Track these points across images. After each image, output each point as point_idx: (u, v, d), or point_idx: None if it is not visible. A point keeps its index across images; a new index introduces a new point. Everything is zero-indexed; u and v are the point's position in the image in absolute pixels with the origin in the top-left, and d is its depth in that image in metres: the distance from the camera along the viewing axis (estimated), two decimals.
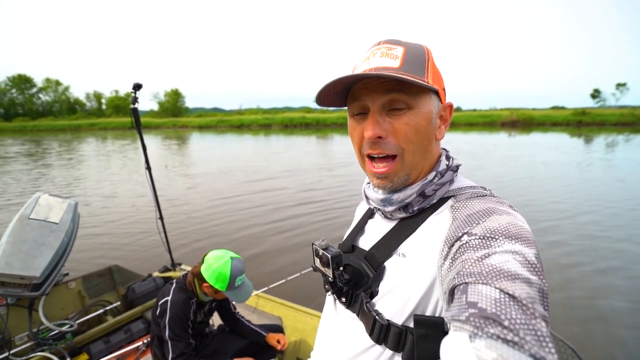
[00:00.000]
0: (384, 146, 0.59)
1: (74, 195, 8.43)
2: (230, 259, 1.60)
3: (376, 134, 0.57)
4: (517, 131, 31.69)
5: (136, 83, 2.36)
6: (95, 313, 2.41)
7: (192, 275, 1.64)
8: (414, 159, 0.60)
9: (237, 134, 35.95)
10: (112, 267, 2.71)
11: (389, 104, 0.57)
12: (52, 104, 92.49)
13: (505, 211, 0.52)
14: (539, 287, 0.40)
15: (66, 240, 2.21)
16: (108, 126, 57.32)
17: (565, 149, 16.92)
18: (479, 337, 0.36)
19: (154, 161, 13.94)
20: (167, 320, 1.54)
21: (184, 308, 1.56)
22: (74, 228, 2.30)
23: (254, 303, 2.47)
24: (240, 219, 6.13)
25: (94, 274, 2.60)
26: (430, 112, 0.59)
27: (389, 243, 0.62)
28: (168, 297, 1.58)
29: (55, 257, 2.09)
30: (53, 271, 2.10)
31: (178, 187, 9.04)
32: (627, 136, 24.64)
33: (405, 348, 0.54)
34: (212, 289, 1.60)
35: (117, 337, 2.20)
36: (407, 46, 0.59)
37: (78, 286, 2.49)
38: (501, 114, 46.77)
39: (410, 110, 0.57)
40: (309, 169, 11.70)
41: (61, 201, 2.25)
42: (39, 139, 34.81)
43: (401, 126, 0.57)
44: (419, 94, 0.57)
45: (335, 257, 0.65)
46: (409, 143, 0.58)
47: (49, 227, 2.14)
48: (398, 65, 0.56)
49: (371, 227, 0.71)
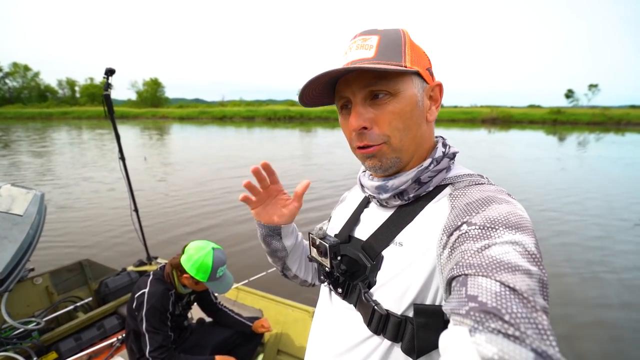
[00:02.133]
0: (370, 137, 0.59)
1: (39, 186, 8.05)
2: (212, 250, 1.56)
3: (359, 124, 0.58)
4: (497, 128, 32.57)
5: (108, 68, 2.24)
6: (65, 309, 2.30)
7: (171, 267, 1.59)
8: (402, 144, 0.59)
9: (220, 126, 35.25)
10: (82, 262, 2.58)
11: (370, 95, 0.57)
12: (21, 90, 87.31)
13: (504, 200, 0.52)
14: (539, 277, 0.40)
15: (31, 233, 2.08)
16: (82, 115, 54.79)
17: (544, 146, 17.54)
18: (480, 331, 0.35)
19: (133, 152, 13.53)
20: (144, 312, 1.48)
21: (162, 300, 1.51)
22: (40, 220, 2.17)
23: (234, 296, 2.43)
24: (219, 211, 6.03)
25: (63, 269, 2.48)
26: (414, 95, 0.58)
27: (387, 232, 0.61)
28: (145, 289, 1.52)
29: (19, 252, 1.97)
30: (17, 266, 1.98)
31: (156, 180, 8.79)
32: (598, 135, 25.84)
33: (404, 338, 0.54)
34: (192, 280, 1.55)
35: (89, 334, 2.11)
36: (382, 34, 0.58)
37: (45, 282, 2.36)
38: (482, 111, 47.92)
39: (393, 97, 0.57)
40: (288, 159, 11.64)
41: (26, 192, 2.11)
42: (6, 126, 32.92)
43: (385, 115, 0.57)
44: (398, 79, 0.57)
45: (333, 247, 0.64)
46: (394, 130, 0.58)
47: (12, 219, 2.01)
48: (372, 55, 0.56)
49: (367, 217, 0.70)
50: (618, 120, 39.22)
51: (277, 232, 0.78)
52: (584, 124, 39.09)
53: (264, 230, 0.78)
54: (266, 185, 0.74)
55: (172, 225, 5.35)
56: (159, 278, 1.58)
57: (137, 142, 18.47)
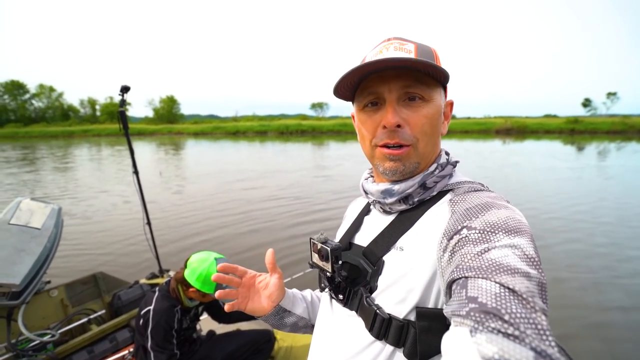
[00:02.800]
0: (401, 135, 0.59)
1: (59, 200, 8.32)
2: (214, 260, 1.55)
3: (397, 121, 0.57)
4: (512, 139, 32.00)
5: (124, 85, 2.33)
6: (79, 322, 2.32)
7: (176, 282, 1.59)
8: (425, 149, 0.61)
9: (233, 141, 35.88)
10: (96, 275, 2.63)
11: (405, 96, 0.58)
12: (45, 110, 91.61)
13: (503, 205, 0.52)
14: (538, 280, 0.40)
15: (49, 246, 2.14)
16: (102, 132, 56.85)
17: (561, 156, 17.08)
18: (480, 331, 0.36)
19: (148, 168, 13.87)
20: (149, 330, 1.48)
21: (167, 317, 1.50)
22: (57, 234, 2.23)
23: None
24: (230, 225, 6.06)
25: (77, 282, 2.52)
26: (440, 105, 0.61)
27: (388, 237, 0.62)
28: (150, 306, 1.52)
29: (36, 264, 2.02)
30: (34, 279, 2.03)
31: (169, 193, 8.95)
32: (619, 144, 25.05)
33: (407, 343, 0.54)
34: (199, 293, 1.54)
35: (101, 347, 2.12)
36: (417, 44, 0.60)
37: (60, 294, 2.40)
38: (495, 122, 47.32)
39: (426, 102, 0.59)
40: (304, 174, 11.69)
41: (44, 206, 2.18)
42: (30, 145, 34.42)
43: (419, 117, 0.58)
44: (434, 87, 0.59)
45: (334, 250, 0.64)
46: (424, 134, 0.59)
47: (30, 232, 2.07)
48: (414, 57, 0.57)
49: (368, 224, 0.70)
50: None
51: (281, 312, 0.78)
52: (603, 133, 37.98)
53: (270, 320, 0.78)
54: (239, 282, 0.75)
55: (185, 237, 5.41)
56: (164, 294, 1.57)
57: (153, 158, 18.96)
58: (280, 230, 5.67)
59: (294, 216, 6.53)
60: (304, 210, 6.88)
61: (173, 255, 4.57)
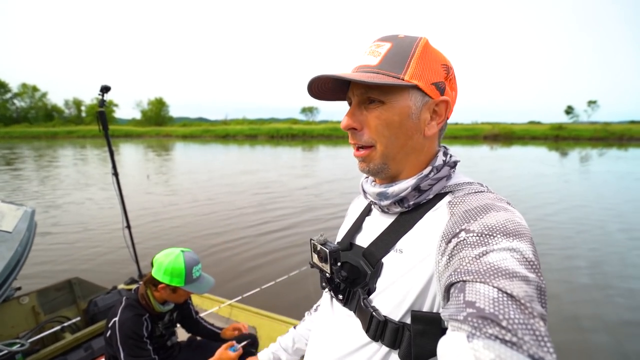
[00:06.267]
0: (359, 137, 0.62)
1: (35, 201, 8.06)
2: (181, 252, 1.50)
3: (347, 125, 0.61)
4: (499, 144, 32.63)
5: (104, 85, 2.27)
6: (51, 330, 2.22)
7: (144, 286, 1.52)
8: (388, 151, 0.61)
9: (223, 144, 35.58)
10: (72, 280, 2.52)
11: (365, 99, 0.60)
12: (28, 110, 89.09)
13: (502, 207, 0.52)
14: (536, 284, 0.40)
15: (20, 250, 2.04)
16: (87, 134, 55.55)
17: (549, 162, 17.44)
18: (477, 337, 0.35)
19: (136, 171, 13.63)
20: (118, 342, 1.40)
21: (134, 327, 1.42)
22: (30, 237, 2.14)
23: (228, 313, 2.35)
24: (213, 229, 5.96)
25: (51, 288, 2.41)
26: (407, 107, 0.59)
27: (387, 239, 0.62)
28: (116, 317, 1.44)
29: (5, 270, 1.93)
30: (3, 285, 1.93)
31: (155, 197, 8.75)
32: (601, 150, 25.81)
33: (402, 345, 0.54)
34: (169, 288, 1.48)
35: (75, 356, 2.02)
36: (395, 42, 0.59)
37: (32, 301, 2.30)
38: (483, 128, 48.19)
39: (383, 105, 0.58)
40: (287, 181, 11.64)
41: (15, 208, 2.09)
42: (11, 145, 33.38)
43: (373, 120, 0.59)
44: (392, 89, 0.58)
45: (333, 252, 0.64)
46: (380, 136, 0.60)
47: (0, 236, 1.97)
48: (376, 63, 0.58)
49: (369, 224, 0.71)
50: (620, 136, 39.23)
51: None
52: (585, 140, 39.14)
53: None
54: None
55: (168, 244, 5.28)
56: (130, 304, 1.49)
57: (141, 160, 18.61)
58: (273, 233, 5.62)
59: (287, 217, 6.49)
60: (297, 211, 6.84)
61: None
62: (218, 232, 5.80)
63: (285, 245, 5.07)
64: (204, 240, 5.39)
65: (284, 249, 4.90)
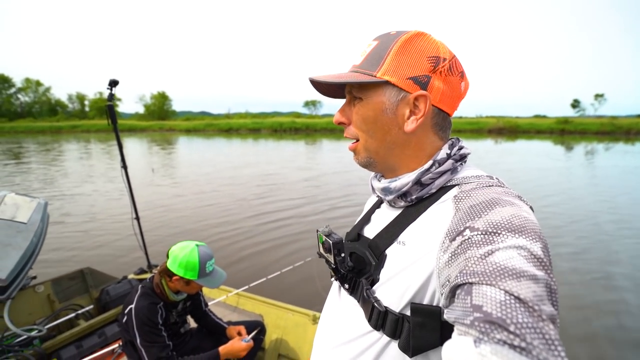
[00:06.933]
0: (348, 131, 0.67)
1: (45, 193, 8.21)
2: (196, 246, 1.55)
3: (336, 119, 0.67)
4: (504, 138, 32.39)
5: (112, 79, 2.30)
6: (66, 317, 2.30)
7: (159, 276, 1.58)
8: (368, 145, 0.64)
9: (226, 138, 35.62)
10: (84, 270, 2.60)
11: (352, 95, 0.64)
12: (32, 105, 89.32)
13: (509, 202, 0.50)
14: (545, 282, 0.39)
15: (35, 241, 2.11)
16: (91, 128, 55.78)
17: (554, 156, 17.34)
18: (485, 342, 0.35)
19: (140, 165, 13.73)
20: (135, 328, 1.47)
21: (149, 315, 1.49)
22: (43, 229, 2.20)
23: (235, 302, 2.42)
24: (220, 220, 6.07)
25: (64, 277, 2.49)
26: (381, 102, 0.60)
27: (391, 231, 0.63)
28: (132, 305, 1.50)
29: (22, 259, 1.99)
30: (20, 274, 2.00)
31: (160, 190, 8.86)
32: (607, 144, 25.56)
33: (402, 335, 0.55)
34: (182, 281, 1.53)
35: (90, 342, 2.11)
36: (381, 40, 0.60)
37: (47, 290, 2.38)
38: (488, 122, 47.61)
39: (361, 101, 0.62)
40: (292, 172, 11.69)
41: (29, 200, 2.15)
42: (17, 140, 33.68)
43: (354, 115, 0.65)
44: (367, 86, 0.61)
45: (336, 244, 0.67)
46: (360, 130, 0.64)
47: (16, 227, 2.04)
48: (360, 62, 0.62)
49: (377, 217, 0.73)
50: (627, 130, 38.69)
51: None
52: (592, 134, 38.69)
53: None
54: None
55: (175, 235, 5.38)
56: (145, 292, 1.56)
57: (145, 154, 18.73)
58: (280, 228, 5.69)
59: (290, 208, 6.56)
60: (301, 202, 6.91)
61: (163, 252, 4.54)
62: (222, 222, 5.91)
63: (289, 235, 5.19)
64: (210, 230, 5.49)
65: (289, 240, 5.02)
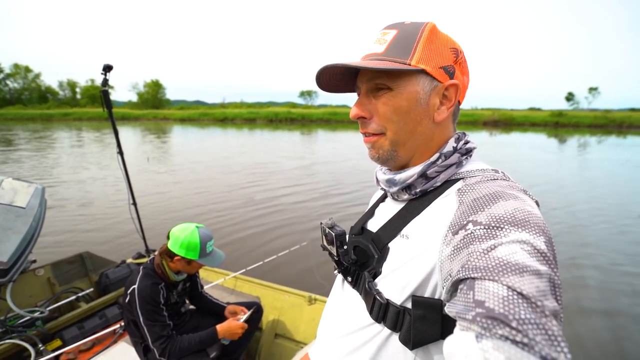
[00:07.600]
0: (369, 126, 0.63)
1: (42, 180, 8.16)
2: (196, 228, 1.60)
3: (356, 114, 0.62)
4: (499, 131, 32.59)
5: (106, 64, 2.29)
6: (67, 300, 2.35)
7: (160, 257, 1.62)
8: (397, 137, 0.61)
9: (221, 128, 35.34)
10: (83, 254, 2.64)
11: (374, 87, 0.60)
12: (22, 91, 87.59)
13: (513, 195, 0.50)
14: (549, 277, 0.38)
15: (34, 225, 2.13)
16: (83, 116, 54.90)
17: (547, 149, 17.54)
18: (487, 337, 0.35)
19: (135, 153, 13.56)
20: (138, 307, 1.52)
21: (152, 294, 1.54)
22: (42, 213, 2.22)
23: (232, 285, 2.48)
24: (217, 205, 6.15)
25: (63, 261, 2.53)
26: (416, 92, 0.58)
27: (395, 225, 0.63)
28: (135, 285, 1.55)
29: (22, 243, 2.02)
30: (20, 257, 2.03)
31: (156, 177, 8.86)
32: (600, 137, 25.88)
33: (402, 328, 0.55)
34: (184, 261, 1.58)
35: (91, 323, 2.15)
36: (401, 28, 0.59)
37: (47, 273, 2.41)
38: (483, 114, 47.88)
39: (390, 92, 0.59)
40: (290, 157, 11.72)
41: (27, 185, 2.16)
42: (7, 127, 33.08)
43: (380, 106, 0.60)
44: (399, 75, 0.58)
45: (339, 236, 0.68)
46: (389, 122, 0.60)
47: (15, 211, 2.06)
48: (382, 50, 0.59)
49: (381, 210, 0.72)
50: (620, 123, 39.24)
51: None
52: (585, 127, 39.12)
53: None
54: None
55: (172, 220, 5.42)
56: (147, 273, 1.60)
57: (139, 143, 18.55)
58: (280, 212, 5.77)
59: (286, 195, 6.61)
60: (291, 185, 6.98)
61: (160, 237, 4.58)
62: (219, 208, 5.97)
63: (285, 220, 5.33)
64: (206, 215, 5.58)
65: (285, 224, 5.16)
